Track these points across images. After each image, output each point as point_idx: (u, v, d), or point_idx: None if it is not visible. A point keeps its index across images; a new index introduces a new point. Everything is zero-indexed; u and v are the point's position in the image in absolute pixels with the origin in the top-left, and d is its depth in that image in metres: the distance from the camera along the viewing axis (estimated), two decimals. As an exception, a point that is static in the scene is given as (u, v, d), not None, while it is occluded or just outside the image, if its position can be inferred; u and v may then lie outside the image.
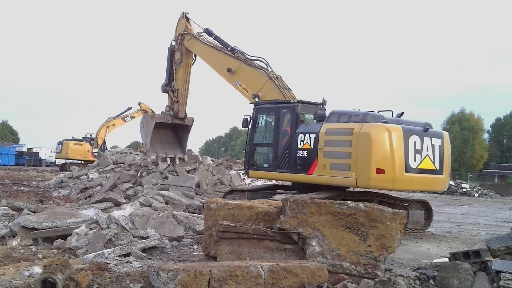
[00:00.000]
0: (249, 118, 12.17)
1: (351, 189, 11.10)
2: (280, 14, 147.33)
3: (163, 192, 13.58)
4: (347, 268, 5.68)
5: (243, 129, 13.24)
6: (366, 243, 5.71)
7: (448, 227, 13.14)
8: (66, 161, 38.80)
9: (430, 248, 9.33)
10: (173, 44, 16.52)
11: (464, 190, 32.22)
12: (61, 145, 38.53)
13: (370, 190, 10.77)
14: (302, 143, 10.73)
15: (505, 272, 5.28)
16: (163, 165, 16.97)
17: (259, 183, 17.55)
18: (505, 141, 71.35)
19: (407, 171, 9.62)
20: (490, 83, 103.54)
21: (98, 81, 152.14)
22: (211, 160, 20.48)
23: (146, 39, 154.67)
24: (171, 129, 17.74)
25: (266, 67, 12.99)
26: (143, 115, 22.12)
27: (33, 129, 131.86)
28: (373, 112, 10.21)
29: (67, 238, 7.86)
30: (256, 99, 12.56)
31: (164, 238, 7.90)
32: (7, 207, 9.59)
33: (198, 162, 18.00)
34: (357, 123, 9.84)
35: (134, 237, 7.81)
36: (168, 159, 17.37)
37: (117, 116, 37.30)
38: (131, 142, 65.97)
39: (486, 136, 68.63)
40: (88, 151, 37.52)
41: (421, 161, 9.90)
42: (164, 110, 17.16)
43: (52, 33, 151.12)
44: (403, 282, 5.47)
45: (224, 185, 16.42)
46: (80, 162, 35.79)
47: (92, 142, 38.01)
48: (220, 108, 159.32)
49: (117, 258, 6.74)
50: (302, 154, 10.71)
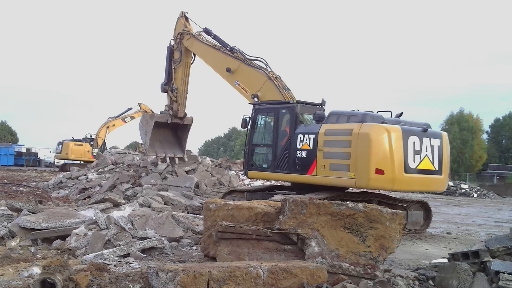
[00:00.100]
0: (248, 119, 12.17)
1: (350, 189, 11.11)
2: (279, 14, 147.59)
3: (162, 193, 13.57)
4: (346, 269, 5.67)
5: (242, 129, 13.23)
6: (365, 243, 5.71)
7: (447, 227, 13.14)
8: (66, 161, 38.76)
9: (429, 249, 9.33)
10: (172, 43, 16.51)
11: (463, 190, 32.22)
12: (61, 146, 38.46)
13: (369, 191, 10.77)
14: (301, 143, 10.73)
15: (504, 273, 5.28)
16: (162, 165, 16.95)
17: (258, 183, 17.55)
18: (504, 141, 71.45)
19: (406, 171, 9.64)
20: (490, 83, 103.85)
21: (98, 81, 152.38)
22: (210, 160, 20.50)
23: (145, 39, 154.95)
24: (171, 129, 17.73)
25: (265, 67, 12.98)
26: (142, 115, 22.10)
27: (32, 130, 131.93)
28: (372, 113, 10.21)
29: (66, 239, 7.85)
30: (255, 99, 12.55)
31: (163, 239, 7.88)
32: (6, 208, 9.56)
33: (197, 163, 17.99)
34: (356, 124, 9.85)
35: (133, 237, 7.80)
36: (168, 158, 17.35)
37: (117, 116, 37.32)
38: (130, 142, 66.07)
39: (485, 136, 68.78)
40: (88, 151, 37.49)
41: (420, 161, 9.91)
42: (164, 110, 17.17)
43: (52, 33, 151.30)
44: (402, 283, 5.47)
45: (223, 186, 16.40)
46: (80, 163, 35.75)
47: (92, 143, 37.99)
48: (219, 109, 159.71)
49: (116, 258, 6.73)
50: (301, 155, 10.70)
